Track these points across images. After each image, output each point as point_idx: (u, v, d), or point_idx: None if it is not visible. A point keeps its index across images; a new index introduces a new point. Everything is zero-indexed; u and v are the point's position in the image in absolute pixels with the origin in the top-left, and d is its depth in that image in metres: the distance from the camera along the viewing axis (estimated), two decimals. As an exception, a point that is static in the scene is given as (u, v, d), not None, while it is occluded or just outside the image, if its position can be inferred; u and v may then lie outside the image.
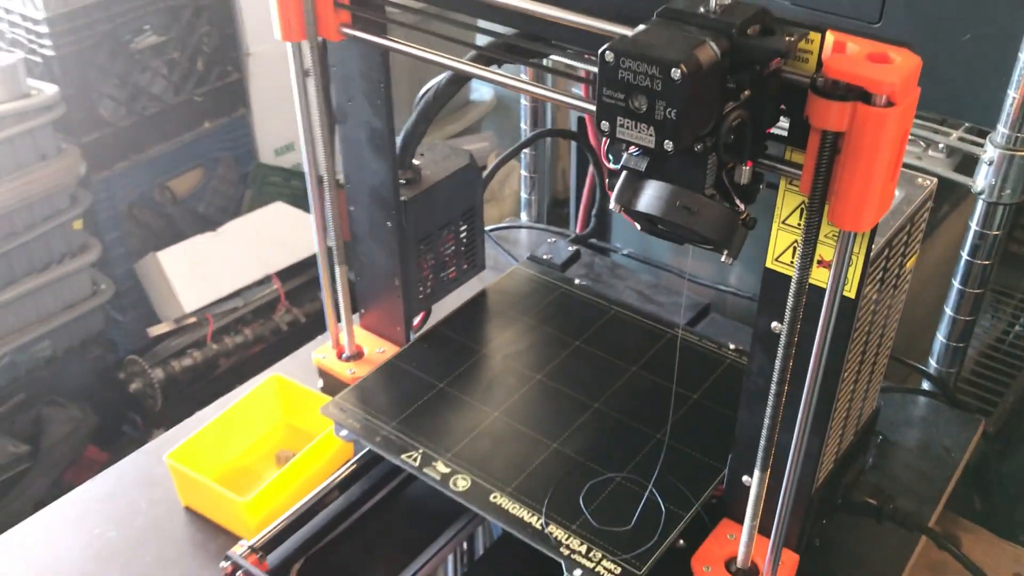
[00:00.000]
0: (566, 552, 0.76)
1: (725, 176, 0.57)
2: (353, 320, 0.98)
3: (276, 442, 0.99)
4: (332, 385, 0.97)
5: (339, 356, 0.98)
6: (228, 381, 0.93)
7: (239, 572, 0.78)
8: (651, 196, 0.55)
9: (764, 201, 0.63)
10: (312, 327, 2.10)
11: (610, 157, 0.58)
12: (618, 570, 0.75)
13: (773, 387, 0.67)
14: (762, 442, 0.69)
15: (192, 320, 2.03)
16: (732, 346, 0.97)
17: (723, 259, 0.58)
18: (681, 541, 0.78)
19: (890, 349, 0.85)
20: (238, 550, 0.79)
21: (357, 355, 0.99)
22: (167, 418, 1.88)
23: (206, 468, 0.90)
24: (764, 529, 0.76)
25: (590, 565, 0.75)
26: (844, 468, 0.83)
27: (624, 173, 0.57)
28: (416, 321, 1.02)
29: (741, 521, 0.79)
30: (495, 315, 1.02)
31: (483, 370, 0.95)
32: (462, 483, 0.82)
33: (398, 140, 0.90)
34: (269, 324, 2.09)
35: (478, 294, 1.05)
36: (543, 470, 0.83)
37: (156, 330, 2.01)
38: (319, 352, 0.99)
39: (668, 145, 0.52)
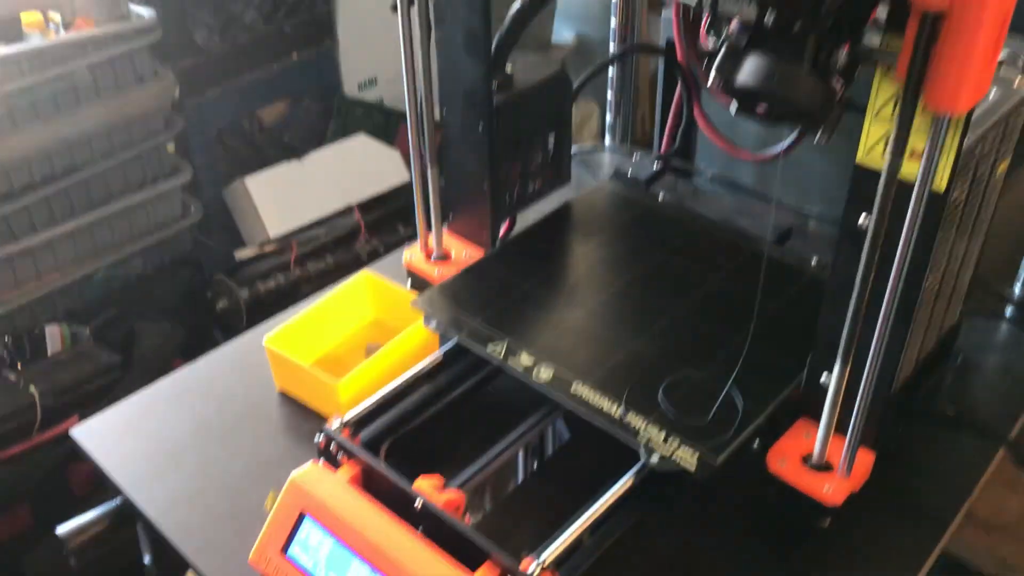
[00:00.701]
0: (644, 439, 0.78)
1: (823, 57, 0.58)
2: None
3: (365, 336, 1.03)
4: (420, 284, 1.01)
5: (427, 258, 1.01)
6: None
7: (332, 445, 0.83)
8: (750, 69, 0.57)
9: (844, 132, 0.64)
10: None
11: (710, 33, 0.60)
12: (694, 457, 0.77)
13: (858, 282, 0.68)
14: (844, 334, 0.70)
15: (276, 246, 2.08)
16: (815, 261, 0.97)
17: (816, 140, 0.59)
18: (756, 442, 0.80)
19: (975, 262, 0.85)
20: (332, 425, 0.83)
21: (444, 257, 1.02)
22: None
23: (301, 354, 0.95)
24: (842, 428, 0.78)
25: (667, 451, 0.77)
26: (923, 376, 0.84)
27: (724, 48, 0.59)
28: (501, 230, 1.05)
29: (819, 419, 0.81)
30: (579, 226, 1.05)
31: (567, 274, 0.98)
32: (545, 373, 0.85)
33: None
34: (350, 253, 2.14)
35: (562, 206, 1.07)
36: (623, 365, 0.86)
37: (242, 254, 2.08)
38: (408, 252, 1.03)
39: (769, 19, 0.54)
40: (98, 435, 0.93)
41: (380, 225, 2.20)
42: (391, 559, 0.73)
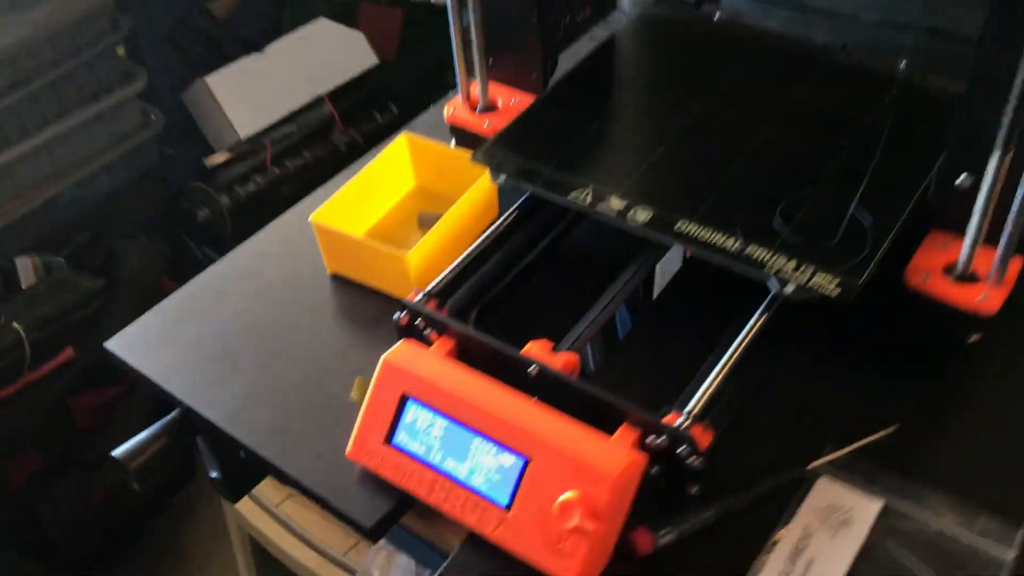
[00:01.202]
0: (773, 270, 0.70)
1: None
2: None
3: (410, 206, 0.93)
4: (468, 141, 0.90)
5: (472, 110, 0.90)
6: (294, 203, 0.91)
7: (418, 320, 0.73)
8: None
9: None
10: (371, 147, 2.03)
11: None
12: (834, 282, 0.68)
13: None
14: (1008, 114, 0.62)
15: (248, 148, 1.96)
16: (903, 64, 0.88)
17: None
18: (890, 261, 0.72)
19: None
20: (415, 298, 0.74)
21: (491, 107, 0.91)
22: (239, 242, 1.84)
23: (351, 230, 0.84)
24: (991, 233, 0.70)
25: (802, 280, 0.69)
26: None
27: None
28: (546, 71, 0.94)
29: (951, 228, 0.73)
30: (633, 56, 0.94)
31: (634, 108, 0.88)
32: (642, 215, 0.75)
33: None
34: (328, 146, 2.03)
35: (608, 38, 0.96)
36: (726, 196, 0.77)
37: (214, 159, 1.95)
38: (449, 107, 0.91)
39: None
40: (139, 346, 0.82)
41: (355, 114, 2.09)
42: (520, 431, 0.64)
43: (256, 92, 1.97)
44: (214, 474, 0.84)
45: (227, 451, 0.83)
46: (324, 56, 2.06)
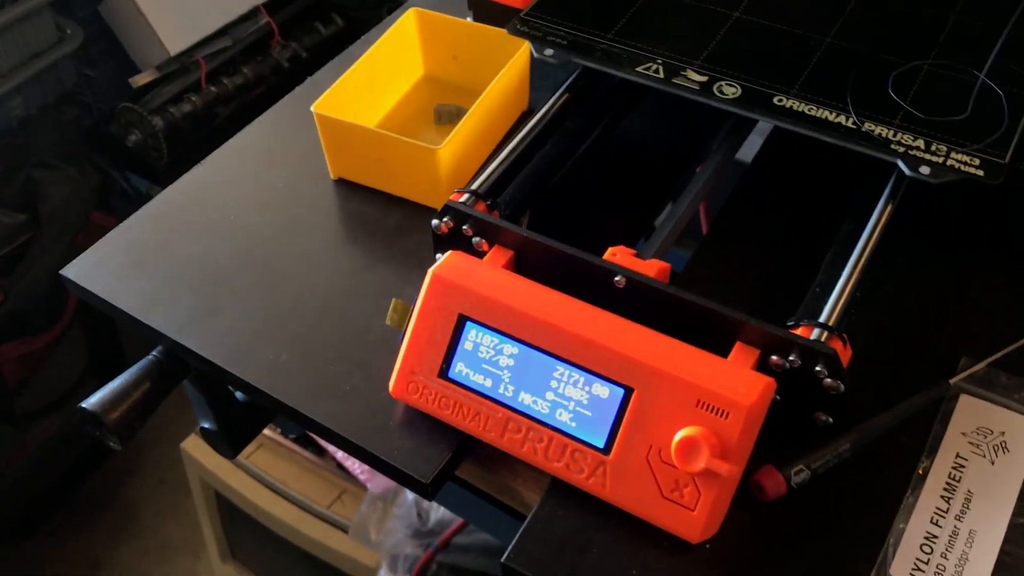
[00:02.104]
0: (900, 149, 0.57)
1: None
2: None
3: (420, 97, 0.78)
4: (490, 12, 0.75)
5: (495, -23, 0.75)
6: (236, 126, 0.77)
7: (465, 227, 0.59)
8: None
9: None
10: (316, 62, 1.86)
11: None
12: (976, 161, 0.56)
13: None
14: None
15: (179, 65, 1.76)
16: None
17: None
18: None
19: None
20: (460, 199, 0.59)
21: (517, -26, 0.76)
22: (176, 173, 1.65)
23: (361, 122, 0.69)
24: None
25: (937, 159, 0.57)
26: None
27: None
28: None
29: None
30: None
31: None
32: (730, 89, 0.62)
33: None
34: (268, 62, 1.84)
35: None
36: (826, 67, 0.64)
37: (140, 79, 1.75)
38: (466, -24, 0.76)
39: None
40: (105, 272, 0.66)
41: (295, 26, 1.90)
42: (618, 355, 0.51)
43: (185, 2, 1.77)
44: (206, 424, 0.69)
45: (221, 397, 0.68)
46: (257, -39, 1.86)
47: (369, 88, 0.73)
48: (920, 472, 0.54)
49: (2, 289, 1.39)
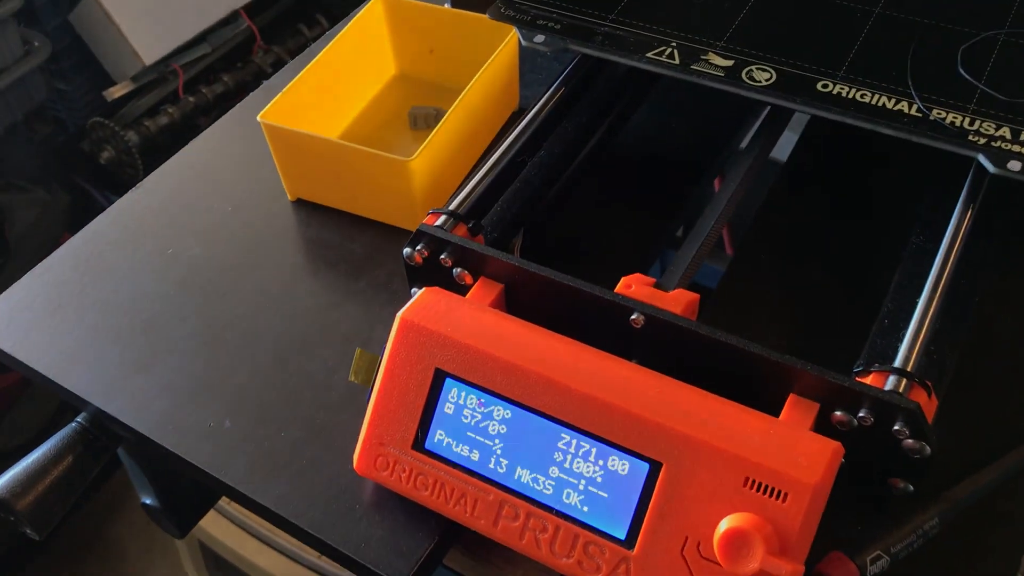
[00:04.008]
0: (980, 140, 0.46)
1: None
2: None
3: (395, 100, 0.66)
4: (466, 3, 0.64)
5: (475, -46, 0.64)
6: None
7: (443, 256, 0.47)
8: None
9: None
10: (293, 69, 1.76)
11: None
12: (1081, 152, 0.45)
13: None
14: None
15: (154, 76, 1.66)
16: None
17: None
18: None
19: None
20: (436, 222, 0.48)
21: (500, -49, 0.64)
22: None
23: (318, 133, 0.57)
24: None
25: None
26: None
27: None
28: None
29: None
30: None
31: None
32: (762, 75, 0.50)
33: None
34: (250, 68, 1.74)
35: None
36: (878, 42, 0.52)
37: (115, 91, 1.65)
38: (442, -45, 0.65)
39: None
40: (17, 324, 0.55)
41: (277, 29, 1.80)
42: (642, 420, 0.40)
43: (160, 9, 1.68)
44: (148, 501, 0.58)
45: (163, 469, 0.57)
46: (236, -38, 1.76)
47: (330, 91, 0.62)
48: (1028, 551, 0.42)
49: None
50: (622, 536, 0.40)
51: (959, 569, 0.42)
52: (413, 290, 0.50)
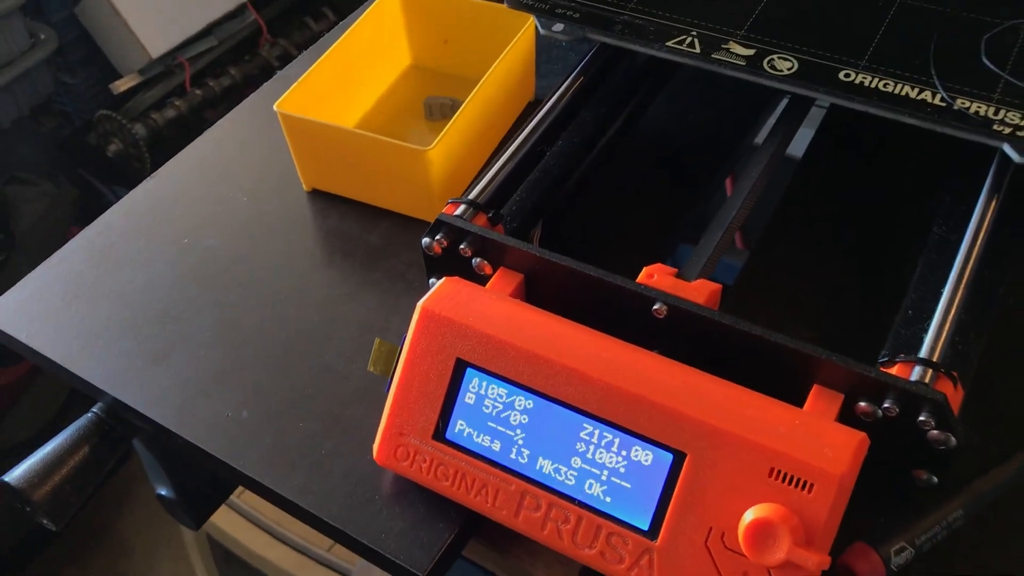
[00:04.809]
0: (1005, 130, 0.45)
1: None
2: None
3: (407, 89, 0.66)
4: (487, -10, 0.63)
5: (491, -56, 0.64)
6: None
7: (462, 246, 0.47)
8: None
9: None
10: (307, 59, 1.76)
11: None
12: (1106, 142, 0.44)
13: None
14: None
15: (161, 69, 1.66)
16: None
17: None
18: None
19: None
20: (455, 211, 0.47)
21: (516, -59, 0.64)
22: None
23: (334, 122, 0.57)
24: None
25: (1057, 142, 0.44)
26: None
27: None
28: None
29: None
30: None
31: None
32: (784, 64, 0.50)
33: None
34: (257, 61, 1.73)
35: None
36: (901, 30, 0.52)
37: (122, 84, 1.65)
38: (457, -55, 0.64)
39: None
40: (30, 313, 0.55)
41: (284, 22, 1.80)
42: (665, 409, 0.39)
43: (166, 2, 1.68)
44: (163, 492, 0.58)
45: (178, 459, 0.56)
46: (243, -45, 1.76)
47: (346, 81, 0.61)
48: (1053, 542, 0.42)
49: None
50: (645, 527, 0.40)
51: (984, 562, 0.42)
52: (431, 280, 0.49)
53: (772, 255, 0.55)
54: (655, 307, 0.44)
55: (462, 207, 0.48)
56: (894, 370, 0.41)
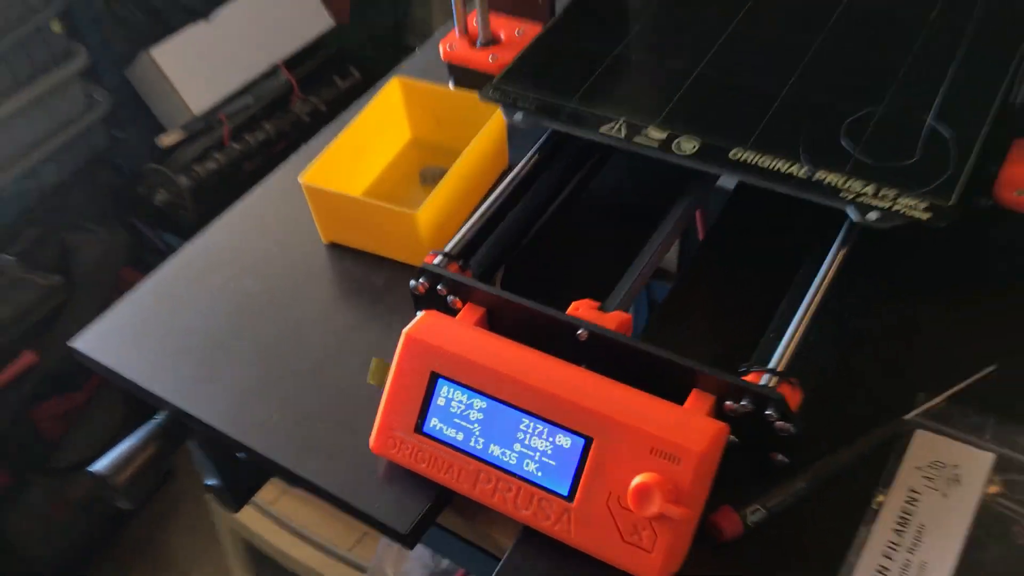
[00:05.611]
0: (850, 196, 0.60)
1: None
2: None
3: (408, 160, 0.82)
4: (470, 80, 0.79)
5: (472, 44, 0.80)
6: (258, 180, 0.83)
7: (439, 287, 0.62)
8: None
9: None
10: (333, 115, 1.91)
11: None
12: (923, 204, 0.59)
13: None
14: None
15: (203, 124, 1.83)
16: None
17: None
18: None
19: None
20: (434, 260, 0.63)
21: (493, 41, 0.80)
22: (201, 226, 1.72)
23: (347, 190, 0.73)
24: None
25: (885, 205, 0.59)
26: None
27: None
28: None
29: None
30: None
31: (662, 28, 0.77)
32: (688, 145, 0.65)
33: None
34: (289, 117, 1.90)
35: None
36: (782, 118, 0.67)
37: (167, 139, 1.82)
38: (444, 44, 0.80)
39: None
40: (111, 343, 0.71)
41: (314, 80, 1.96)
42: (578, 406, 0.54)
43: (206, 63, 1.84)
44: (211, 481, 0.73)
45: (224, 455, 0.72)
46: (276, 20, 1.93)
47: (357, 155, 0.77)
48: (874, 507, 0.56)
49: (38, 352, 1.45)
50: (565, 493, 0.55)
51: (820, 519, 0.56)
52: (418, 313, 0.65)
53: (690, 292, 0.70)
54: (579, 332, 0.59)
55: (439, 257, 0.63)
56: (750, 377, 0.56)
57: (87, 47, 1.68)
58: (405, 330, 0.59)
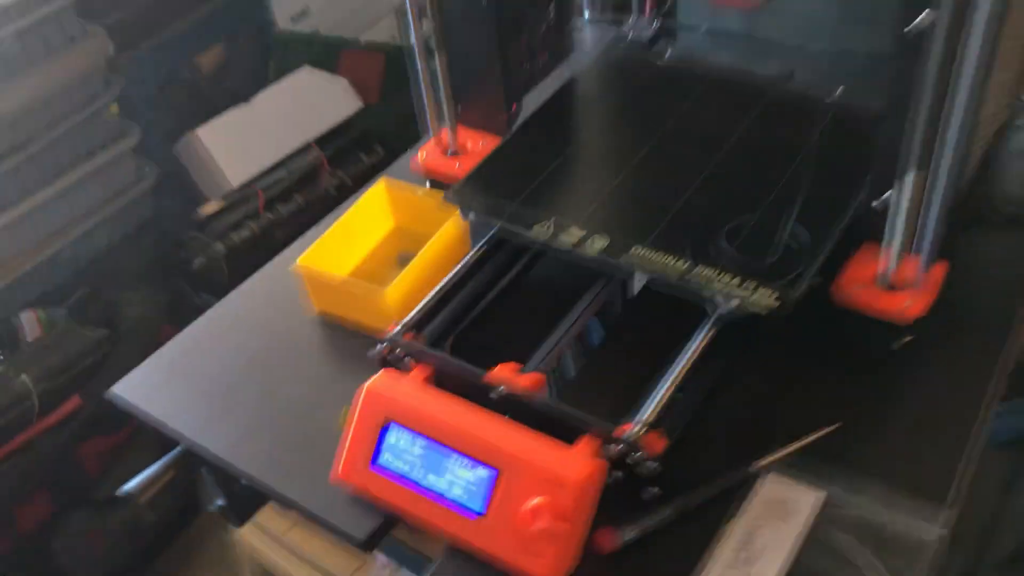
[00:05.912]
0: (715, 289, 0.77)
1: None
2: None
3: (391, 245, 1.00)
4: (440, 183, 0.97)
5: (443, 153, 0.98)
6: (288, 245, 1.01)
7: (397, 351, 0.80)
8: None
9: None
10: (357, 188, 2.10)
11: None
12: (772, 296, 0.75)
13: (932, 79, 0.66)
14: (917, 136, 0.69)
15: (240, 196, 2.01)
16: (839, 91, 0.96)
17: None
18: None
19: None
20: (392, 330, 0.80)
21: (460, 151, 0.98)
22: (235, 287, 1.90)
23: (335, 271, 0.91)
24: (912, 242, 0.77)
25: (744, 296, 0.76)
26: (980, 179, 0.84)
27: None
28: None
29: (880, 242, 0.80)
30: (592, 96, 1.02)
31: (595, 145, 0.95)
32: (599, 243, 0.82)
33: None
34: (317, 190, 2.08)
35: (569, 80, 1.04)
36: (677, 222, 0.84)
37: (207, 209, 2.00)
38: (421, 153, 0.99)
39: None
40: (142, 389, 0.89)
41: (341, 157, 2.14)
42: (490, 446, 0.71)
43: (245, 141, 2.03)
44: (219, 502, 0.91)
45: (230, 480, 0.89)
46: (310, 103, 2.13)
47: (347, 240, 0.96)
48: (726, 530, 0.72)
49: (83, 397, 1.64)
50: (481, 511, 0.72)
51: (683, 538, 0.72)
52: (381, 370, 0.82)
53: (608, 356, 0.87)
54: (491, 394, 0.75)
55: (398, 327, 0.81)
56: (623, 427, 0.72)
57: (140, 126, 1.89)
58: (365, 385, 0.77)
